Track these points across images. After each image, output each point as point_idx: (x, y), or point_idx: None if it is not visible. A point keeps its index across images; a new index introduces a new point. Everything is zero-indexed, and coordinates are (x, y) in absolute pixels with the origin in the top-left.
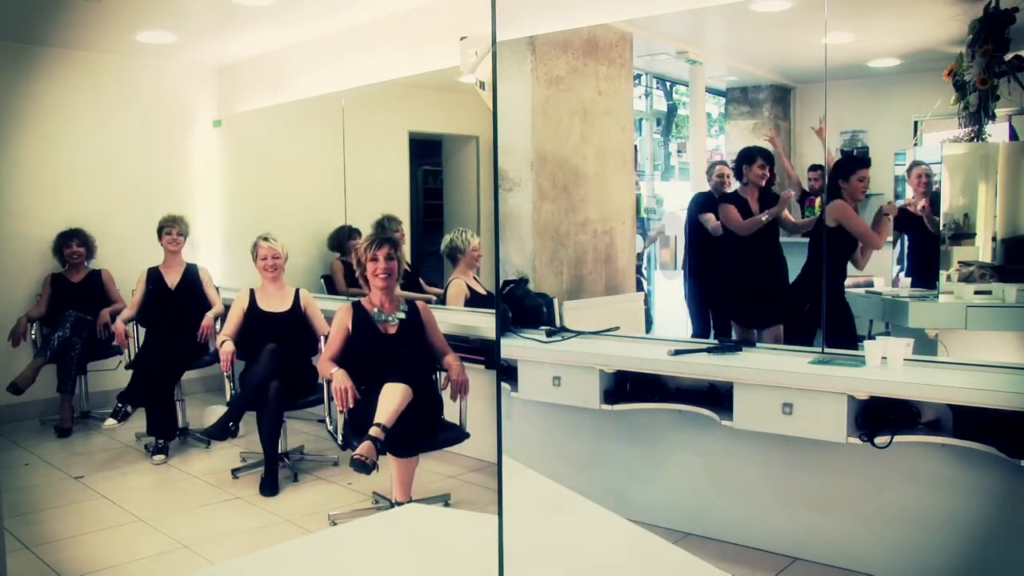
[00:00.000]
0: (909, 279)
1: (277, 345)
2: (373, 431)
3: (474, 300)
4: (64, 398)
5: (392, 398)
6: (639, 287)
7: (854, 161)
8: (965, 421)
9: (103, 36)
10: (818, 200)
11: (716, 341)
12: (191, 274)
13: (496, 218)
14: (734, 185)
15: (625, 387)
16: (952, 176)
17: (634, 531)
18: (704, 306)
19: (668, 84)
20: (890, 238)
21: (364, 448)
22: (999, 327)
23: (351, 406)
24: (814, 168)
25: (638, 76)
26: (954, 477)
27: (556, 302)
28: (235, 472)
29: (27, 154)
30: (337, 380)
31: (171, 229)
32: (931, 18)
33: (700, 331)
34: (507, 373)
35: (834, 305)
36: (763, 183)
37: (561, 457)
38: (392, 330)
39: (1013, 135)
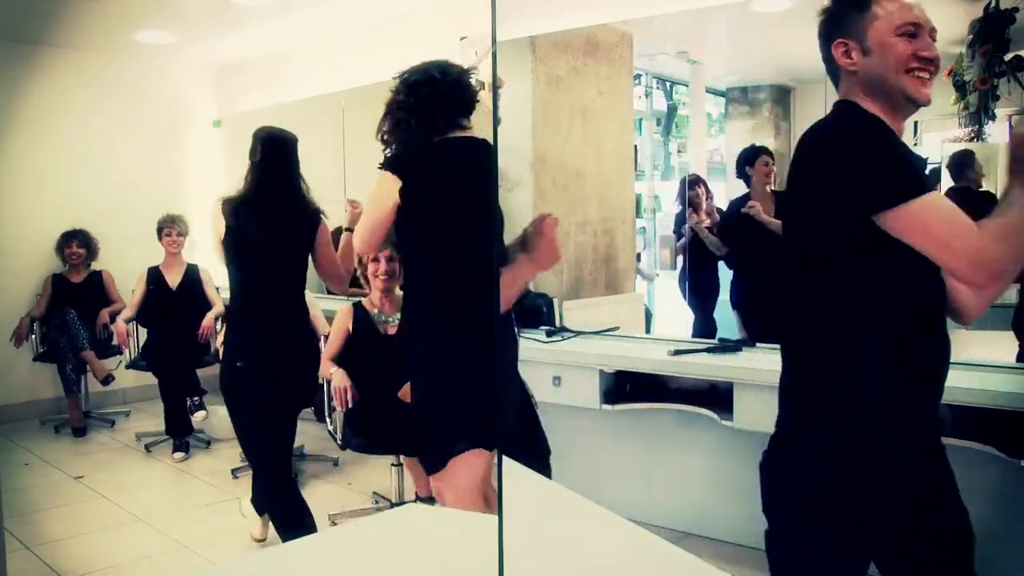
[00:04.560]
0: None
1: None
2: None
3: None
4: (71, 399)
5: None
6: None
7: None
8: (965, 421)
9: (103, 36)
10: None
11: (716, 341)
12: (192, 274)
13: (496, 218)
14: None
15: (625, 387)
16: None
17: (634, 531)
18: None
19: (668, 84)
20: None
21: None
22: (999, 327)
23: (350, 406)
24: None
25: (638, 76)
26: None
27: (556, 302)
28: (235, 472)
29: (27, 154)
30: (336, 380)
31: (170, 229)
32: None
33: None
34: None
35: None
36: None
37: (561, 457)
38: (392, 331)
39: None
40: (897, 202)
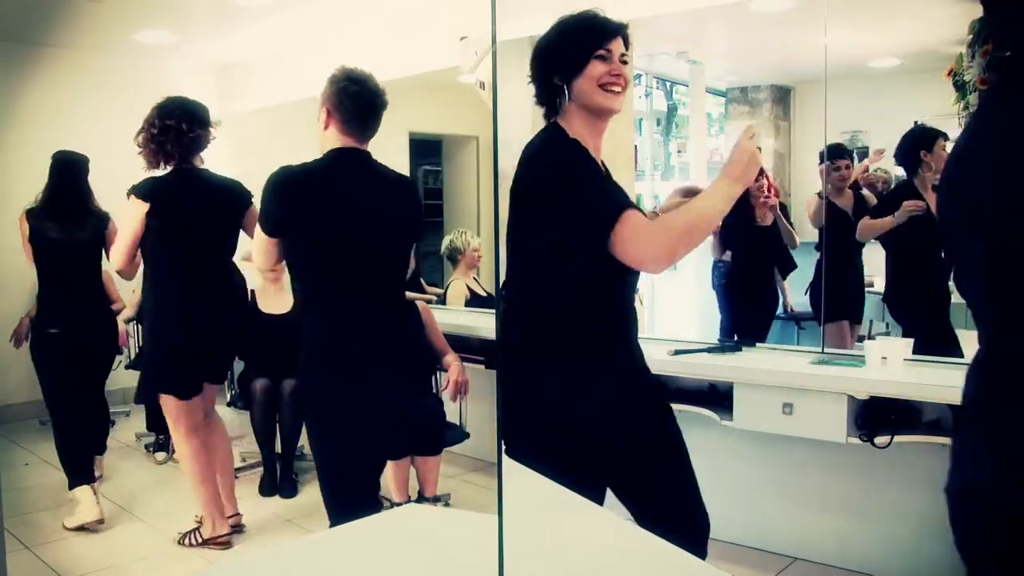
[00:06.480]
0: None
1: (266, 380)
2: None
3: (474, 301)
4: None
5: None
6: None
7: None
8: None
9: (103, 36)
10: None
11: (716, 341)
12: None
13: (496, 218)
14: None
15: None
16: None
17: (634, 531)
18: None
19: (668, 84)
20: None
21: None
22: None
23: None
24: None
25: (638, 76)
26: None
27: None
28: (235, 472)
29: (26, 154)
30: None
31: None
32: (931, 18)
33: None
34: None
35: None
36: None
37: None
38: None
39: None
40: None
